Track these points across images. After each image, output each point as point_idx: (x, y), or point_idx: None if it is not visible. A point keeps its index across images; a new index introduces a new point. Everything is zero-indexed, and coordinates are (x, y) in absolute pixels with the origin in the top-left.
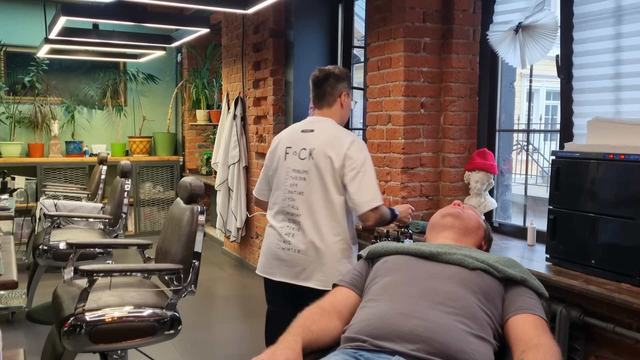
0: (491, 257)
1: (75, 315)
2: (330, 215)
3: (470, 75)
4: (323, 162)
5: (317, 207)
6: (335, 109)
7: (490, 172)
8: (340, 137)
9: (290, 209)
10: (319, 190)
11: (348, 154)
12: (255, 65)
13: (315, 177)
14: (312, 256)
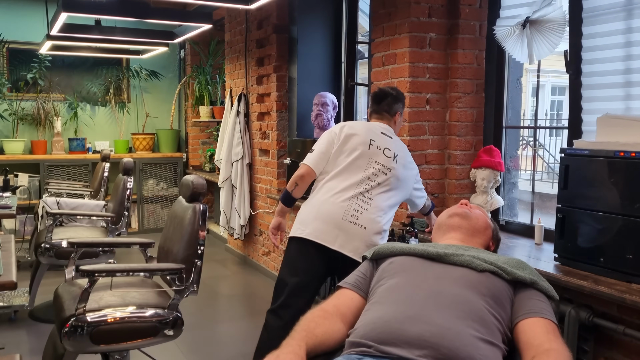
0: (500, 259)
1: (76, 315)
2: (389, 206)
3: (476, 71)
4: (404, 171)
5: (385, 198)
6: (391, 125)
7: (496, 170)
8: (410, 156)
9: (366, 192)
10: (392, 188)
11: (417, 172)
12: (259, 62)
13: (394, 178)
14: (369, 234)
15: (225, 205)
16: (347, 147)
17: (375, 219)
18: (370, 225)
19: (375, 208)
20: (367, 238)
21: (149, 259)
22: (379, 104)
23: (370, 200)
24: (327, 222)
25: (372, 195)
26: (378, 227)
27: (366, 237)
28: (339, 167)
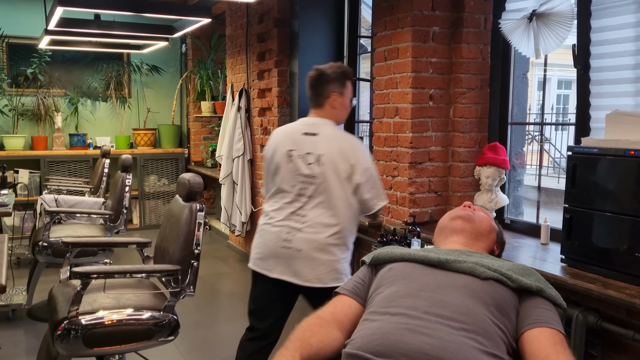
0: (504, 265)
1: (69, 318)
2: (334, 218)
3: (481, 66)
4: (333, 169)
5: (322, 211)
6: (327, 110)
7: (501, 167)
8: (346, 146)
9: (298, 211)
10: (327, 197)
11: (357, 163)
12: (260, 56)
13: (324, 184)
14: (309, 254)
15: (227, 202)
16: (272, 167)
17: (312, 237)
18: (307, 245)
19: (311, 225)
20: (308, 259)
21: (146, 259)
22: (312, 88)
23: (303, 219)
24: (264, 250)
25: (305, 212)
26: (318, 244)
27: (306, 258)
28: (272, 190)
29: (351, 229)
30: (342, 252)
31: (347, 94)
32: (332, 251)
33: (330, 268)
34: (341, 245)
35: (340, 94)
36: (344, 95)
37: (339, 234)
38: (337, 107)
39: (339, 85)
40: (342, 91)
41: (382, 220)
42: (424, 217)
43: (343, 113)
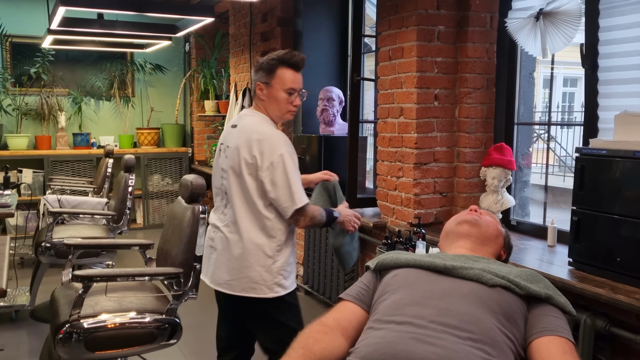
0: (512, 271)
1: (70, 322)
2: (252, 218)
3: (487, 65)
4: (237, 164)
5: (238, 209)
6: (256, 102)
7: (507, 168)
8: (254, 137)
9: (221, 208)
10: (238, 192)
11: (261, 157)
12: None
13: (233, 177)
14: (226, 257)
15: None
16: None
17: (226, 237)
18: (222, 245)
19: (227, 225)
20: (221, 261)
21: (149, 261)
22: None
23: (224, 217)
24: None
25: (227, 209)
26: (230, 245)
27: (220, 260)
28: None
29: (262, 236)
30: (257, 260)
31: (276, 83)
32: (244, 256)
33: (240, 275)
34: (253, 252)
35: (266, 83)
36: (270, 85)
37: (246, 240)
38: (263, 98)
39: (265, 74)
40: (268, 80)
41: (387, 221)
42: (429, 218)
43: (273, 105)
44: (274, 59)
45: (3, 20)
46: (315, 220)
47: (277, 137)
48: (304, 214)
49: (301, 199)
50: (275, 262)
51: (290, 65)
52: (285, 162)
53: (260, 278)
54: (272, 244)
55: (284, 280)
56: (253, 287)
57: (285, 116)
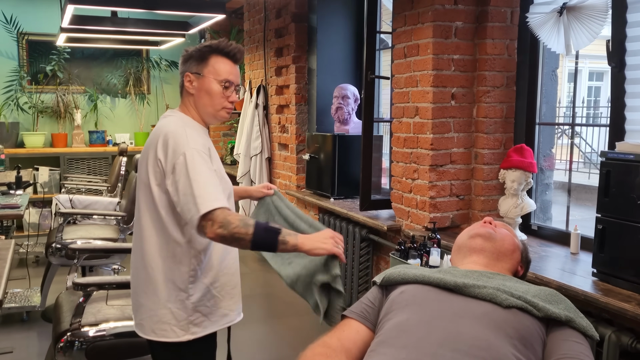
0: (529, 290)
1: (71, 330)
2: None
3: (507, 63)
4: (144, 170)
5: (145, 228)
6: (184, 97)
7: (528, 171)
8: (158, 138)
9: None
10: (145, 207)
11: (165, 158)
12: (278, 52)
13: (140, 190)
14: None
15: (244, 201)
16: None
17: (136, 265)
18: (133, 278)
19: (135, 250)
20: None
21: None
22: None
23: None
24: None
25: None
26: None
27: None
28: None
29: (171, 262)
30: (168, 293)
31: (209, 73)
32: (152, 289)
33: (150, 312)
34: (161, 284)
35: (196, 74)
36: (202, 76)
37: (152, 268)
38: (192, 92)
39: (195, 63)
40: (199, 70)
41: (402, 224)
42: (445, 222)
43: (204, 100)
44: (207, 45)
45: (19, 18)
46: (232, 228)
47: (184, 134)
48: (211, 219)
49: (206, 203)
50: (190, 297)
51: (226, 54)
52: (188, 163)
53: (171, 317)
54: (183, 273)
55: (204, 319)
56: (162, 328)
57: (219, 114)
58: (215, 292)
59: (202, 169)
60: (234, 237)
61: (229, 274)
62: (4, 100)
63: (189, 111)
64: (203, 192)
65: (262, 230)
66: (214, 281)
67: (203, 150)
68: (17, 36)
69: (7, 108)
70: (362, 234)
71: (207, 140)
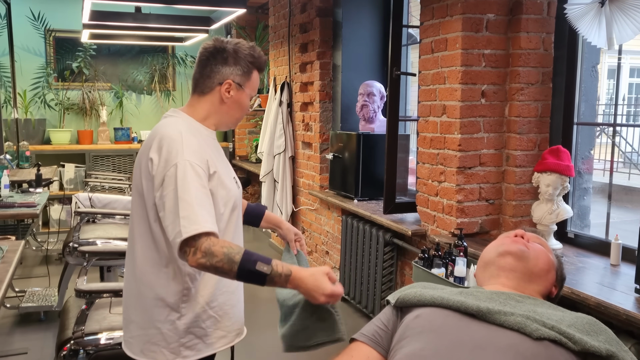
0: (564, 318)
1: (74, 339)
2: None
3: (542, 58)
4: (138, 177)
5: (137, 240)
6: (210, 101)
7: (564, 175)
8: (153, 141)
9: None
10: (138, 218)
11: (153, 158)
12: (302, 48)
13: (134, 199)
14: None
15: (267, 201)
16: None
17: (128, 278)
18: (125, 292)
19: (128, 262)
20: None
21: None
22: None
23: (131, 250)
24: None
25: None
26: (132, 297)
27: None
28: None
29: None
30: (158, 312)
31: (248, 88)
32: (142, 307)
33: (139, 331)
34: (152, 302)
35: (239, 85)
36: (243, 90)
37: (143, 284)
38: (226, 101)
39: (241, 73)
40: (242, 82)
41: (427, 229)
42: (473, 227)
43: (234, 111)
44: (252, 62)
45: (47, 14)
46: (215, 262)
47: (180, 141)
48: (194, 246)
49: (190, 226)
50: (182, 317)
51: (261, 69)
52: (178, 177)
53: (161, 338)
54: (175, 292)
55: (198, 341)
56: (151, 349)
57: (236, 123)
58: (212, 312)
59: (192, 186)
60: (217, 271)
61: (228, 292)
62: (31, 97)
63: (198, 113)
64: (189, 213)
65: (246, 272)
66: (210, 300)
67: (198, 163)
68: (44, 33)
69: (34, 105)
70: (386, 238)
71: (210, 147)
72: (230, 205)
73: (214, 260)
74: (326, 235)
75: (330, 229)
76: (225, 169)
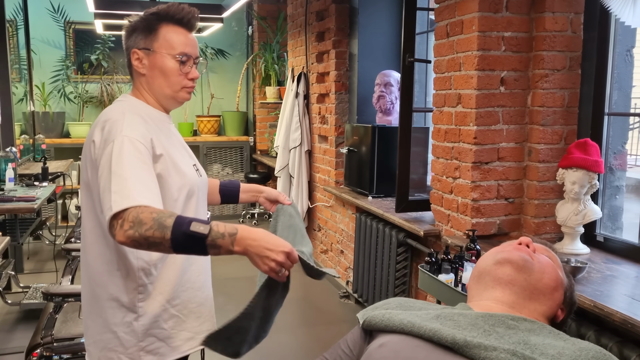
0: (564, 352)
1: (44, 345)
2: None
3: (570, 41)
4: (84, 165)
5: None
6: (135, 79)
7: (592, 171)
8: (96, 126)
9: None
10: (86, 210)
11: (96, 140)
12: (319, 36)
13: (82, 190)
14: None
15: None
16: None
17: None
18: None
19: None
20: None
21: None
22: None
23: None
24: None
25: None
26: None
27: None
28: None
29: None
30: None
31: (160, 47)
32: (97, 308)
33: (96, 336)
34: (106, 302)
35: (145, 49)
36: (153, 51)
37: (95, 282)
38: (144, 72)
39: (142, 36)
40: (148, 45)
41: (441, 229)
42: (490, 228)
43: (159, 80)
44: (154, 13)
45: (66, 6)
46: (144, 231)
47: (121, 120)
48: (121, 218)
49: (121, 200)
50: (140, 318)
51: (179, 21)
52: (113, 153)
53: (117, 343)
54: (129, 290)
55: (161, 344)
56: (109, 356)
57: (179, 95)
58: (174, 311)
59: (127, 160)
60: (149, 242)
61: (194, 288)
62: (50, 90)
63: (142, 95)
64: (122, 188)
65: (181, 235)
66: (171, 298)
67: (139, 139)
68: (64, 25)
69: (53, 98)
70: (399, 238)
71: (162, 131)
72: (185, 191)
73: (142, 229)
74: (341, 234)
75: (345, 227)
76: (180, 155)
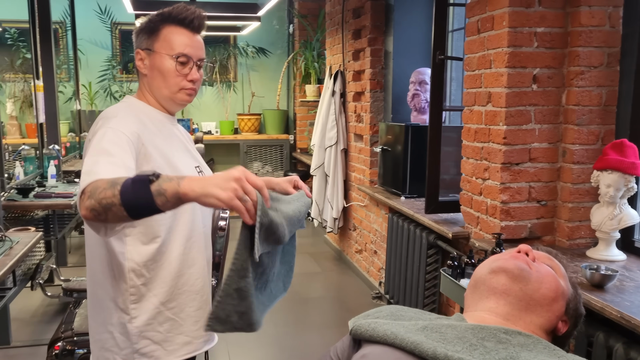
0: None
1: (64, 338)
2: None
3: (608, 36)
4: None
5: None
6: (139, 79)
7: (629, 174)
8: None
9: None
10: None
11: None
12: (355, 34)
13: None
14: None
15: (318, 196)
16: None
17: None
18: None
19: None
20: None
21: None
22: None
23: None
24: None
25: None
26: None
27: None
28: None
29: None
30: (109, 314)
31: (161, 48)
32: (94, 308)
33: (95, 337)
34: (103, 302)
35: (147, 50)
36: (153, 52)
37: (93, 283)
38: (145, 72)
39: (145, 37)
40: (150, 45)
41: (470, 232)
42: (521, 232)
43: (158, 80)
44: (158, 14)
45: (112, 8)
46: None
47: (114, 117)
48: (84, 192)
49: (87, 178)
50: (134, 320)
51: (181, 22)
52: (94, 141)
53: (113, 343)
54: (123, 291)
55: (156, 347)
56: (105, 356)
57: (177, 96)
58: (170, 314)
59: (106, 145)
60: (103, 206)
61: (191, 291)
62: (96, 90)
63: (144, 95)
64: (92, 167)
65: (129, 184)
66: (167, 300)
67: (123, 131)
68: (110, 26)
69: (99, 97)
70: (429, 239)
71: (158, 129)
72: None
73: (96, 193)
74: (375, 234)
75: (379, 227)
76: (179, 156)
